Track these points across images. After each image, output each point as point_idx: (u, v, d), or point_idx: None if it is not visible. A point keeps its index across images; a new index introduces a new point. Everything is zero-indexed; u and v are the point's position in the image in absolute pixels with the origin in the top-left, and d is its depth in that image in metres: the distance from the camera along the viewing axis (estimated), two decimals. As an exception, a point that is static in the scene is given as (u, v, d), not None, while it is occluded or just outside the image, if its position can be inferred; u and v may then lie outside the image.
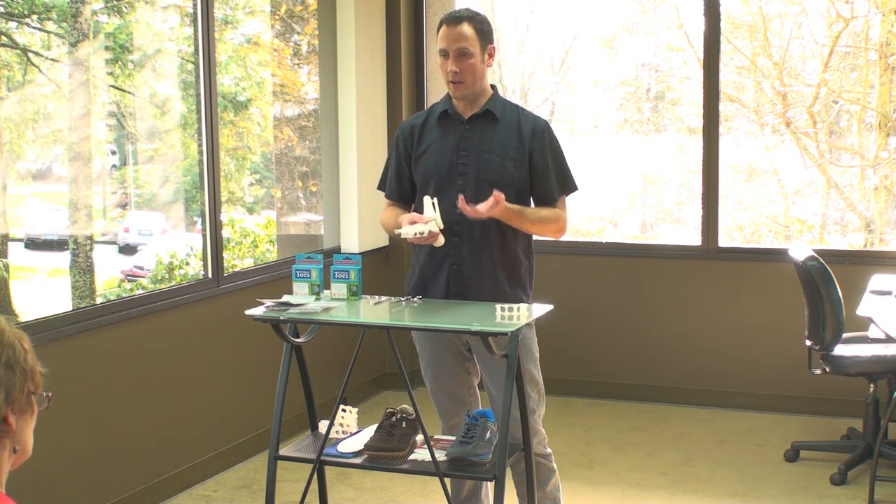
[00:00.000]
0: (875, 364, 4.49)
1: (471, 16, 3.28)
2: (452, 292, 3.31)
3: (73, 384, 3.87)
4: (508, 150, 3.31)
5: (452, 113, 3.37)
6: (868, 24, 6.59)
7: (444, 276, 3.32)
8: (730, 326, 5.55)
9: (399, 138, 3.46)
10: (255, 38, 6.59)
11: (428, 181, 3.35)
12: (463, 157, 3.32)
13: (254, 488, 4.52)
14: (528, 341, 3.38)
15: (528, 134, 3.33)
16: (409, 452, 3.15)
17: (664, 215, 7.04)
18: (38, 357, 1.60)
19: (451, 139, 3.35)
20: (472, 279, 3.30)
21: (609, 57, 7.03)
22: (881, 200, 6.54)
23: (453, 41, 3.25)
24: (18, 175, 5.46)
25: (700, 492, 4.46)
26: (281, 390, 3.24)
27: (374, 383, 5.84)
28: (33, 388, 1.58)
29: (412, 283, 3.44)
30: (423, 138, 3.39)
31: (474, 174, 3.30)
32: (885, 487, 4.36)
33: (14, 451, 1.56)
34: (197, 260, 5.87)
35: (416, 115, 3.52)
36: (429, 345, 3.43)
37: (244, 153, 6.62)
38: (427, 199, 3.22)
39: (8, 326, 1.57)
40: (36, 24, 5.44)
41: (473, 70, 3.27)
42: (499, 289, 3.31)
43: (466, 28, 3.24)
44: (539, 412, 3.43)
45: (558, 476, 3.54)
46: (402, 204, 3.48)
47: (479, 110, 3.35)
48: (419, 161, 3.39)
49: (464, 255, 3.29)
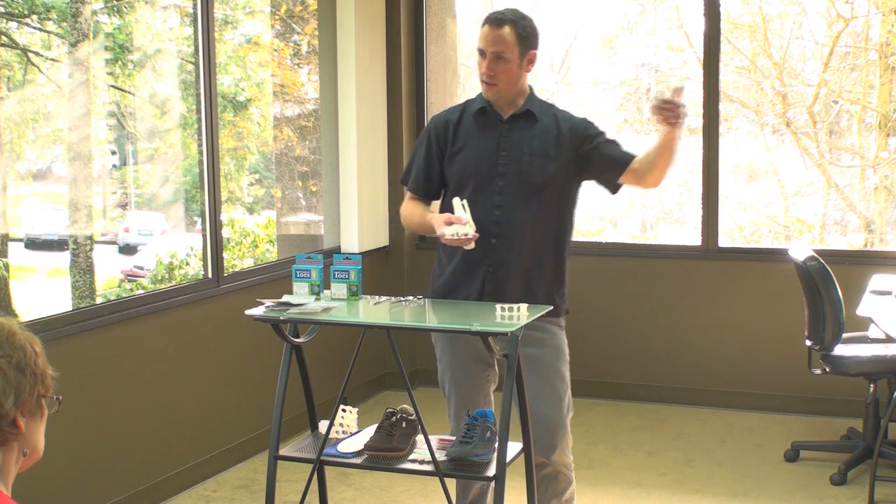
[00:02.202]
0: (875, 364, 4.49)
1: (515, 19, 3.17)
2: (487, 293, 3.23)
3: (73, 384, 3.87)
4: (549, 150, 3.23)
5: (490, 111, 3.28)
6: (868, 24, 6.59)
7: (480, 277, 3.24)
8: (730, 326, 5.55)
9: (431, 132, 3.34)
10: (254, 38, 6.60)
11: (465, 181, 3.26)
12: (503, 157, 3.24)
13: (254, 488, 4.52)
14: (561, 342, 3.33)
15: (568, 133, 3.25)
16: (409, 452, 3.15)
17: (664, 215, 7.04)
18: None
19: (489, 139, 3.26)
20: (508, 281, 3.23)
21: (609, 57, 7.03)
22: (881, 200, 6.54)
23: (491, 43, 3.16)
24: (18, 175, 5.46)
25: (700, 492, 4.46)
26: (281, 390, 3.24)
27: (374, 383, 5.84)
28: (44, 391, 1.58)
29: (440, 282, 3.35)
30: (459, 136, 3.29)
31: (515, 175, 3.22)
32: (885, 487, 4.36)
33: (24, 454, 1.56)
34: (197, 260, 5.88)
35: (450, 110, 3.39)
36: (449, 348, 3.36)
37: (244, 153, 6.62)
38: (457, 201, 3.15)
39: (20, 329, 1.56)
40: (36, 24, 5.44)
41: (508, 74, 3.18)
42: (535, 291, 3.24)
43: (508, 31, 3.15)
44: (570, 415, 3.38)
45: (574, 486, 3.47)
46: (426, 200, 3.40)
47: (519, 110, 3.26)
48: (454, 159, 3.29)
49: (501, 257, 3.22)
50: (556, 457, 3.35)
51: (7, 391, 1.50)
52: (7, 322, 1.56)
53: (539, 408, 3.27)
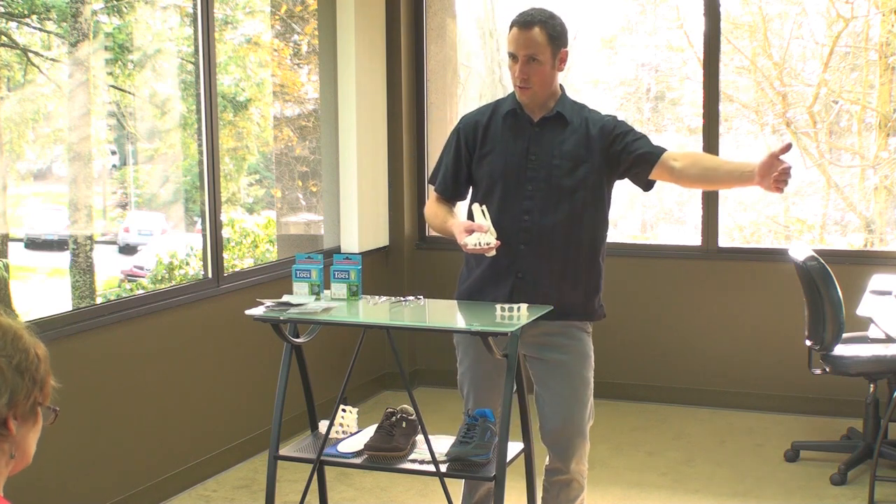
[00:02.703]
0: (875, 364, 4.49)
1: (543, 19, 3.11)
2: (516, 300, 3.15)
3: (72, 384, 3.86)
4: (580, 153, 3.17)
5: (521, 113, 3.21)
6: (868, 24, 6.59)
7: (509, 283, 3.19)
8: (730, 326, 5.55)
9: (460, 133, 3.28)
10: (254, 38, 6.60)
11: (493, 184, 3.21)
12: (533, 161, 3.18)
13: (254, 488, 4.52)
14: (586, 347, 3.27)
15: (597, 135, 3.18)
16: (409, 452, 3.15)
17: (664, 215, 7.04)
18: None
19: (519, 142, 3.20)
20: (538, 288, 3.18)
21: (609, 57, 7.03)
22: (881, 200, 6.54)
23: (522, 46, 3.09)
24: (18, 175, 5.46)
25: (700, 492, 4.46)
26: (281, 390, 3.24)
27: (374, 383, 5.84)
28: (41, 398, 1.57)
29: (467, 285, 3.30)
30: (488, 138, 3.24)
31: (545, 179, 3.16)
32: (885, 487, 4.35)
33: (12, 457, 1.56)
34: (197, 260, 5.88)
35: (480, 111, 3.32)
36: (471, 352, 3.30)
37: (244, 153, 6.62)
38: (476, 208, 3.11)
39: (27, 333, 1.56)
40: (36, 24, 5.44)
41: (542, 76, 3.12)
42: (567, 298, 3.19)
43: (538, 33, 3.09)
44: (591, 422, 3.33)
45: (585, 494, 3.43)
46: (452, 201, 3.36)
47: (550, 113, 3.19)
48: (483, 161, 3.24)
49: (530, 264, 3.17)
50: (574, 464, 3.32)
51: (2, 391, 1.50)
52: (16, 324, 1.56)
53: (560, 413, 3.24)
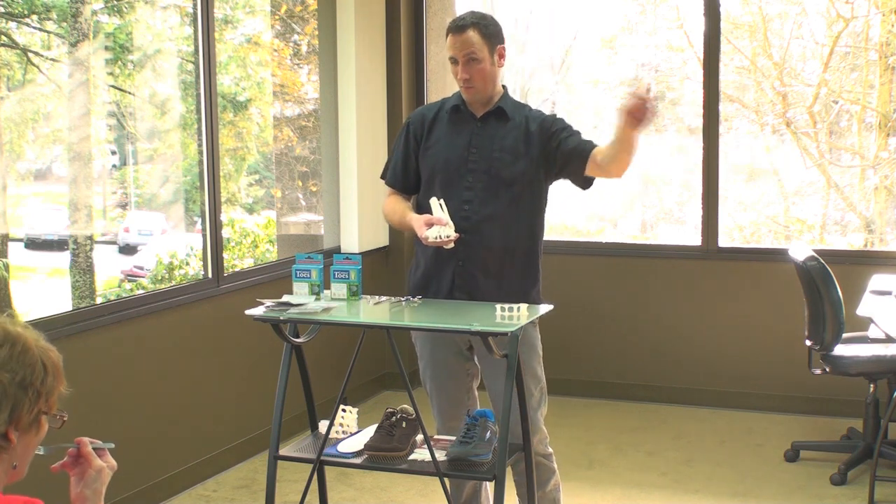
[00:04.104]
0: (875, 364, 4.49)
1: (475, 21, 3.28)
2: (458, 287, 3.30)
3: (72, 384, 3.86)
4: (519, 147, 3.31)
5: (464, 109, 3.37)
6: (868, 24, 6.59)
7: (450, 272, 3.31)
8: (730, 326, 5.55)
9: (409, 127, 3.44)
10: (255, 38, 6.59)
11: (434, 176, 3.35)
12: (474, 153, 3.32)
13: (254, 488, 4.52)
14: (533, 339, 3.38)
15: (537, 131, 3.32)
16: (409, 452, 3.15)
17: (664, 215, 7.04)
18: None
19: (462, 136, 3.35)
20: (478, 276, 3.29)
21: (609, 57, 7.03)
22: (881, 200, 6.55)
23: (460, 49, 3.27)
24: (18, 175, 5.46)
25: (700, 492, 4.46)
26: (281, 390, 3.24)
27: (374, 383, 5.84)
28: (46, 408, 1.58)
29: (416, 277, 3.43)
30: (433, 131, 3.39)
31: (486, 171, 3.30)
32: (885, 487, 4.35)
33: (13, 467, 1.56)
34: (197, 260, 5.87)
35: (429, 106, 3.51)
36: (428, 345, 3.42)
37: (244, 153, 6.62)
38: (434, 201, 3.23)
39: (36, 344, 1.56)
40: (36, 24, 5.44)
41: (483, 74, 3.28)
42: (506, 287, 3.29)
43: (472, 34, 3.25)
44: (541, 411, 3.43)
45: (558, 476, 3.54)
46: (404, 193, 3.48)
47: (492, 108, 3.35)
48: (427, 154, 3.38)
49: (471, 252, 3.28)
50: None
51: (4, 406, 1.49)
52: (25, 334, 1.55)
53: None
